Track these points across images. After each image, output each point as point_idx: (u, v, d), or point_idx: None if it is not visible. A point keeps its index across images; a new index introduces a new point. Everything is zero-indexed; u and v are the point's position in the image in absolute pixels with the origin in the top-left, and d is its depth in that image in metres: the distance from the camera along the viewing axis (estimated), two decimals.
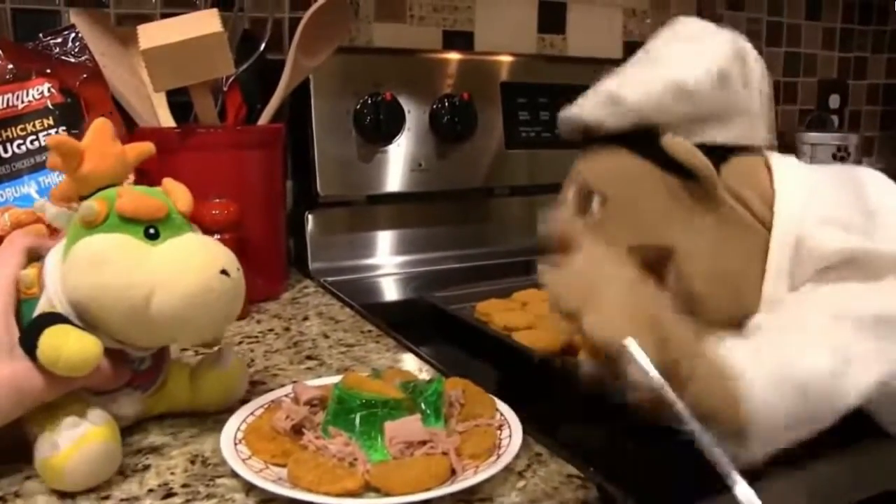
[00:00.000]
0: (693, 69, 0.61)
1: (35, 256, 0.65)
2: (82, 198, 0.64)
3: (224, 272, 0.62)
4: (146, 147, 0.69)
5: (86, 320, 0.60)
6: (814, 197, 0.63)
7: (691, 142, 0.62)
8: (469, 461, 0.59)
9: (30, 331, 0.59)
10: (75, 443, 0.57)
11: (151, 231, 0.61)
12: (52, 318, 0.59)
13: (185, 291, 0.60)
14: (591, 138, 0.68)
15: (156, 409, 0.70)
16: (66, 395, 0.61)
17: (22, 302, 0.62)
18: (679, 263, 0.61)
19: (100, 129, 0.65)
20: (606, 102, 0.65)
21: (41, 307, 0.61)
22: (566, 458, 0.64)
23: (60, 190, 0.64)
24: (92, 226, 0.60)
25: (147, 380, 0.67)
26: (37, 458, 0.58)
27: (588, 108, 0.68)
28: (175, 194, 0.65)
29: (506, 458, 0.59)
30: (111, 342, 0.62)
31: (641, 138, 0.64)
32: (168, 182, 0.67)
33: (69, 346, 0.57)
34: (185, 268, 0.60)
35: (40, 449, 0.58)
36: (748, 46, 0.65)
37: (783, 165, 0.65)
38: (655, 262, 0.62)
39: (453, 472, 0.57)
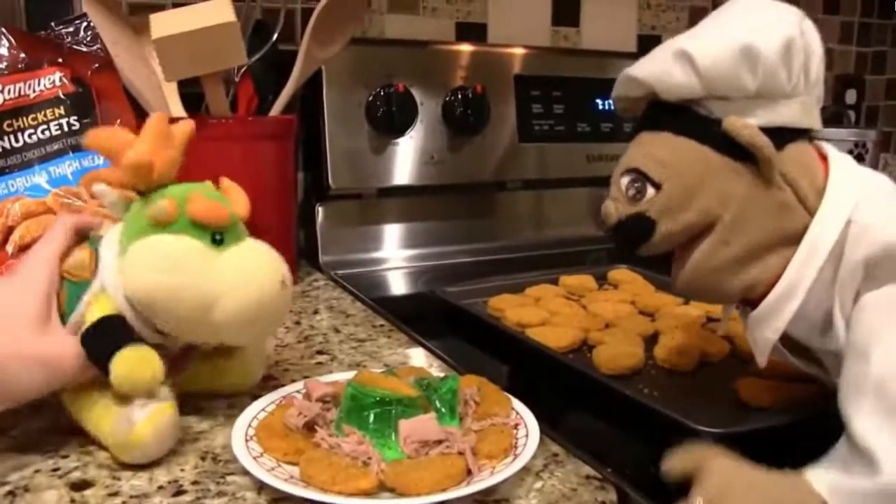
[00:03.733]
0: (762, 35, 0.59)
1: (82, 237, 0.67)
2: (140, 192, 0.64)
3: (283, 282, 0.64)
4: (187, 127, 0.68)
5: (141, 314, 0.62)
6: (871, 191, 0.61)
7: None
8: (485, 461, 0.58)
9: (103, 346, 0.60)
10: (150, 417, 0.59)
11: (218, 237, 0.62)
12: (116, 332, 0.61)
13: (250, 300, 0.61)
14: (641, 124, 0.66)
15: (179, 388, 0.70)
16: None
17: (70, 284, 0.64)
18: (723, 230, 0.60)
19: (156, 127, 0.64)
20: (674, 58, 0.61)
21: (92, 293, 0.63)
22: (583, 458, 0.63)
23: (114, 178, 0.64)
24: (162, 226, 0.61)
25: (175, 368, 0.67)
26: (113, 434, 0.60)
27: (650, 66, 0.63)
28: (234, 198, 0.67)
29: (523, 459, 0.57)
30: (158, 337, 0.63)
31: (695, 124, 0.62)
32: (228, 185, 0.69)
33: (137, 374, 0.59)
34: (252, 278, 0.62)
35: (117, 424, 0.59)
36: (811, 25, 0.63)
37: (840, 158, 0.64)
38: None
39: (469, 472, 0.56)
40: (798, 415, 0.71)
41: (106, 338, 0.60)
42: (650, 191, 0.62)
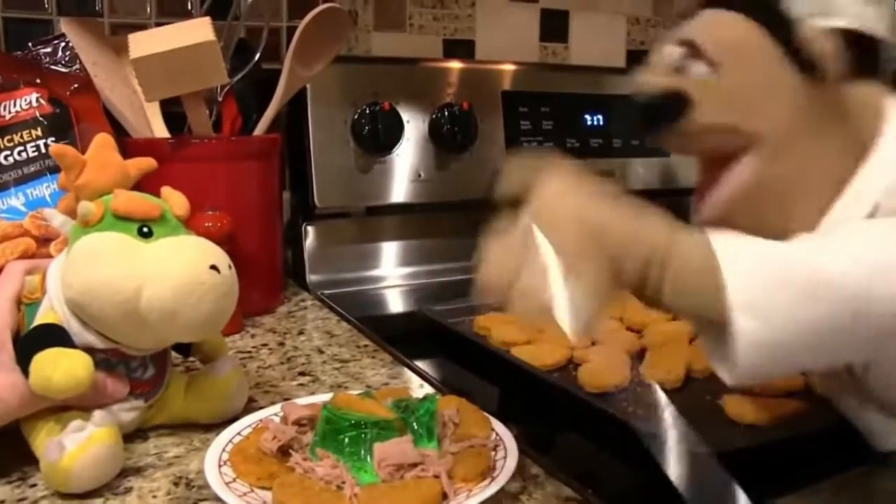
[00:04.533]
0: None
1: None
2: None
3: (214, 267, 0.63)
4: (148, 162, 0.70)
5: (82, 319, 0.62)
6: None
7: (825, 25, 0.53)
8: (462, 484, 0.57)
9: (23, 351, 0.60)
10: (81, 445, 0.57)
11: (145, 230, 0.63)
12: (44, 337, 0.61)
13: (173, 284, 0.61)
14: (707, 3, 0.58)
15: (155, 419, 0.70)
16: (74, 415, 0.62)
17: (26, 307, 0.65)
18: (760, 154, 0.53)
19: (102, 142, 0.67)
20: None
21: (42, 310, 0.64)
22: (563, 479, 0.62)
23: (65, 203, 0.67)
24: (88, 225, 0.63)
25: (149, 388, 0.68)
26: (43, 462, 0.58)
27: None
28: (171, 200, 0.67)
29: (500, 481, 0.56)
30: (108, 342, 0.63)
31: (771, 16, 0.54)
32: (166, 189, 0.69)
33: (58, 373, 0.58)
34: (175, 262, 0.62)
35: (47, 452, 0.58)
36: None
37: None
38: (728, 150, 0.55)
39: (445, 496, 0.55)
40: (785, 431, 0.69)
41: (33, 344, 0.60)
42: (701, 68, 0.54)
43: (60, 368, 0.58)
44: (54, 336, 0.61)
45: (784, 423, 0.71)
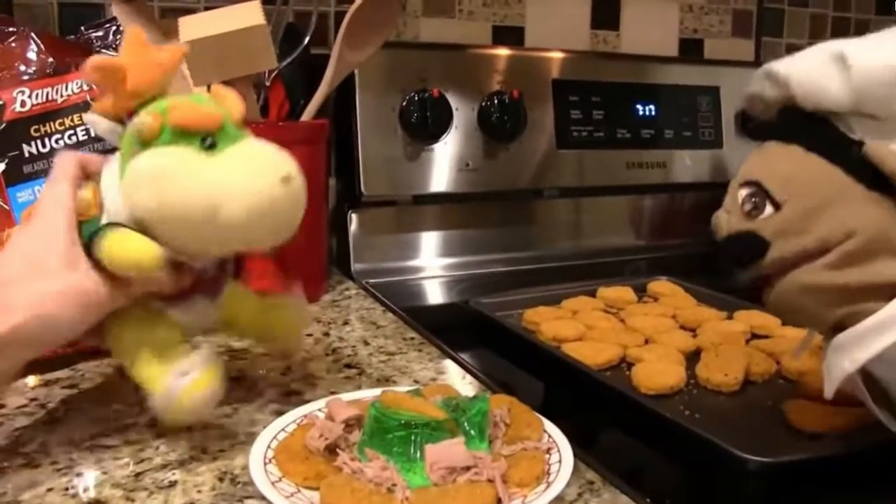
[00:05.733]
0: None
1: (86, 175, 0.65)
2: (130, 113, 0.61)
3: (286, 178, 0.60)
4: (177, 49, 0.66)
5: (151, 235, 0.60)
6: None
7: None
8: (516, 489, 0.55)
9: (94, 234, 0.60)
10: (185, 390, 0.60)
11: (208, 142, 0.59)
12: (117, 226, 0.60)
13: (251, 200, 0.58)
14: (770, 132, 0.60)
15: (229, 328, 0.75)
16: (168, 339, 0.64)
17: (81, 223, 0.63)
18: (842, 256, 0.54)
19: (135, 40, 0.63)
20: (827, 61, 0.54)
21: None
22: (620, 485, 0.59)
23: (103, 106, 0.62)
24: (148, 141, 0.59)
25: (212, 285, 0.68)
26: (154, 406, 0.62)
27: (797, 64, 0.57)
28: (227, 101, 0.63)
29: (557, 487, 0.54)
30: (173, 255, 0.61)
31: (831, 141, 0.56)
32: (217, 88, 0.65)
33: (129, 245, 0.59)
34: (249, 176, 0.59)
35: (156, 402, 0.61)
36: None
37: None
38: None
39: (499, 501, 0.53)
40: (854, 443, 0.66)
41: (102, 229, 0.60)
42: (768, 209, 0.56)
43: (133, 243, 0.59)
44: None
45: (853, 433, 0.67)
